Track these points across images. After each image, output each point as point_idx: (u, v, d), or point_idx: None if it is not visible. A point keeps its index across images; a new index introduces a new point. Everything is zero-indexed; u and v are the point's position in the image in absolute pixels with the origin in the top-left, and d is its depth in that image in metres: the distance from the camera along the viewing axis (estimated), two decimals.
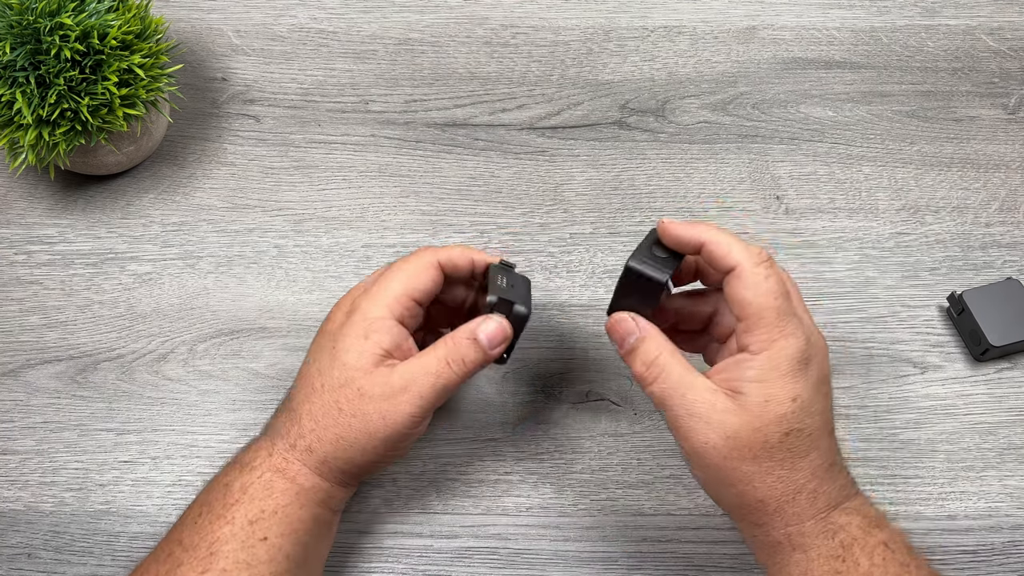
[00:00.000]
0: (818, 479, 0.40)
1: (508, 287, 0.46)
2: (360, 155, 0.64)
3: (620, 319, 0.43)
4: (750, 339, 0.40)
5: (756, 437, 0.39)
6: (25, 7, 0.52)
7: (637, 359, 0.42)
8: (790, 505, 0.40)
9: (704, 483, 0.43)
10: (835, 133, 0.65)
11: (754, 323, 0.40)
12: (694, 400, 0.40)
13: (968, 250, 0.60)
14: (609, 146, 0.64)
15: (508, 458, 0.53)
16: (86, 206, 0.61)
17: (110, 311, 0.57)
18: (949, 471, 0.53)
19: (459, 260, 0.47)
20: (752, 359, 0.40)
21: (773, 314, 0.39)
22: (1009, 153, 0.64)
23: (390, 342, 0.44)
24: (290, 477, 0.44)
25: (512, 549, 0.51)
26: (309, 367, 0.46)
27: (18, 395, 0.55)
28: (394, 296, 0.45)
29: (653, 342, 0.42)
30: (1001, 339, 0.54)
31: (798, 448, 0.39)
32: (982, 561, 0.50)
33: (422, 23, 0.70)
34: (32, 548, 0.50)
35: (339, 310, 0.47)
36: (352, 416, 0.43)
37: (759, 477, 0.40)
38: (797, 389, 0.39)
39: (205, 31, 0.69)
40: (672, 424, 0.41)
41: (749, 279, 0.40)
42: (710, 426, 0.40)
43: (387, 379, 0.43)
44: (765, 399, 0.39)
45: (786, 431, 0.39)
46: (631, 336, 0.43)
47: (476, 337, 0.44)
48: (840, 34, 0.69)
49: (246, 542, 0.42)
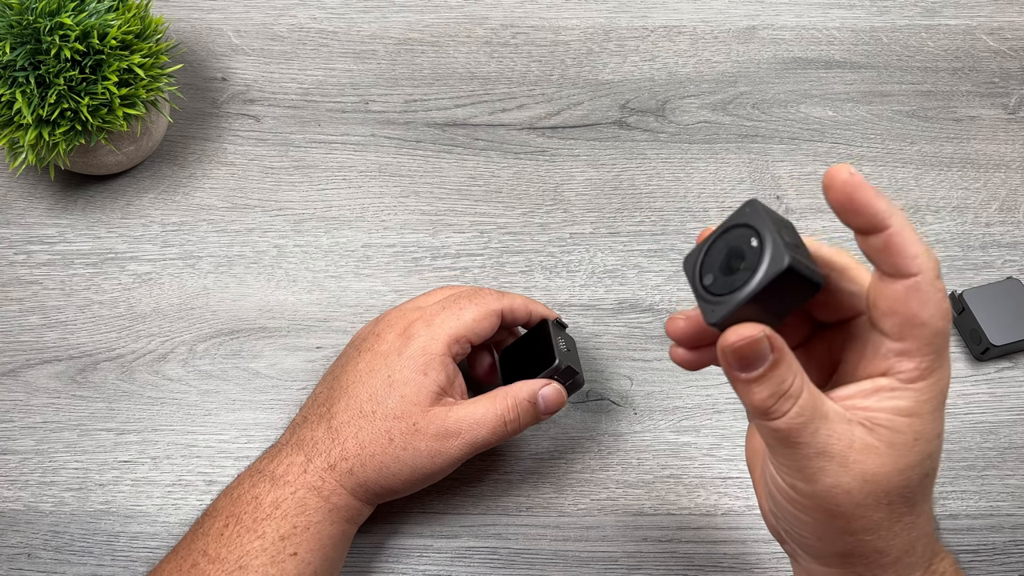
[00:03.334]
0: (929, 524, 0.35)
1: (567, 351, 0.47)
2: (360, 155, 0.64)
3: (749, 336, 0.31)
4: (906, 364, 0.32)
5: (898, 480, 0.32)
6: (25, 7, 0.52)
7: (766, 388, 0.31)
8: (908, 555, 0.34)
9: (807, 529, 0.34)
10: (835, 133, 0.65)
11: (920, 348, 0.32)
12: (828, 436, 0.32)
13: (968, 250, 0.60)
14: (609, 146, 0.64)
15: (508, 458, 0.53)
16: (86, 206, 0.61)
17: (110, 311, 0.57)
18: (950, 470, 0.53)
19: (519, 312, 0.48)
20: (903, 388, 0.32)
21: (942, 340, 0.32)
22: (1009, 153, 0.64)
23: (446, 380, 0.45)
24: (324, 496, 0.44)
25: (512, 549, 0.51)
26: (358, 388, 0.45)
27: (18, 395, 0.55)
28: (456, 335, 0.45)
29: (789, 364, 0.32)
30: (1002, 338, 0.54)
31: (928, 491, 0.34)
32: (983, 560, 0.50)
33: (422, 23, 0.70)
34: (32, 548, 0.50)
35: (390, 330, 0.47)
36: (403, 449, 0.44)
37: (887, 525, 0.33)
38: (940, 425, 0.33)
39: (205, 31, 0.69)
40: (792, 466, 0.33)
41: (930, 295, 0.31)
42: (845, 468, 0.32)
43: (443, 421, 0.44)
44: (915, 437, 0.32)
45: (927, 473, 0.33)
46: (763, 360, 0.31)
47: (536, 402, 0.45)
48: (840, 34, 0.69)
49: (276, 557, 0.42)
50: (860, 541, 0.33)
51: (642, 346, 0.56)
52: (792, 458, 0.32)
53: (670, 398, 0.55)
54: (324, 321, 0.57)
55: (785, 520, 0.35)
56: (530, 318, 0.49)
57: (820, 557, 0.35)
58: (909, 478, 0.32)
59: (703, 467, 0.53)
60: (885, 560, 0.34)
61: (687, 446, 0.53)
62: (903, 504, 0.33)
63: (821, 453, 0.32)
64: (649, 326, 0.57)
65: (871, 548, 0.33)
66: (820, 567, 0.36)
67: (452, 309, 0.46)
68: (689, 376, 0.55)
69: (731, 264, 0.32)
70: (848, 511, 0.32)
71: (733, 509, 0.51)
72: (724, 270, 0.32)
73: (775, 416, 0.32)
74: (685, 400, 0.55)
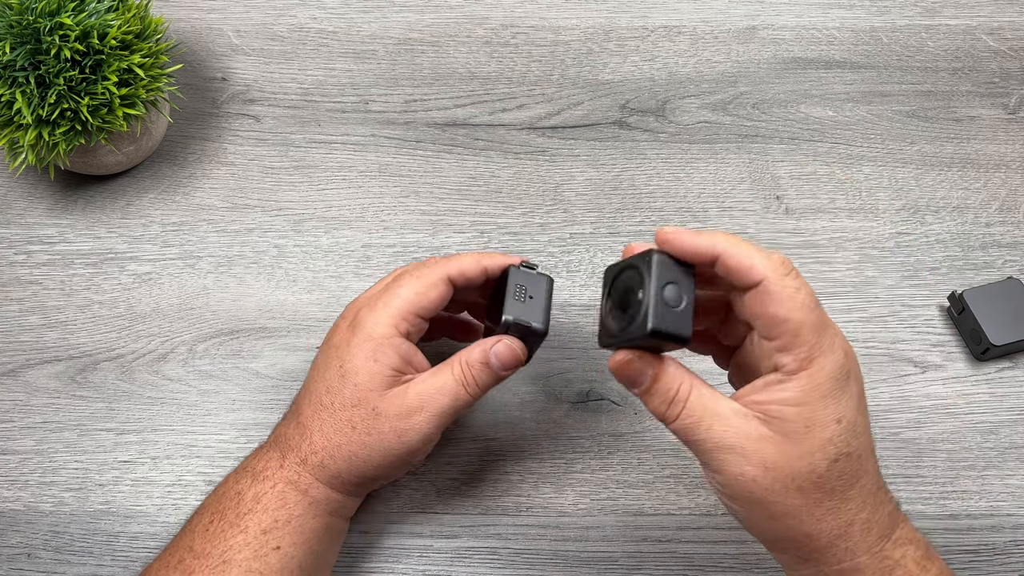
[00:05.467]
0: (870, 507, 0.36)
1: (526, 300, 0.45)
2: (360, 155, 0.64)
3: (625, 362, 0.37)
4: (784, 358, 0.35)
5: (800, 466, 0.35)
6: (25, 7, 0.52)
7: (655, 398, 0.37)
8: (842, 540, 0.36)
9: (743, 519, 0.38)
10: (835, 133, 0.65)
11: (789, 341, 0.35)
12: (723, 430, 0.36)
13: (968, 250, 0.60)
14: (609, 146, 0.64)
15: (508, 458, 0.53)
16: (86, 206, 0.61)
17: (110, 311, 0.57)
18: (950, 470, 0.53)
19: (470, 271, 0.45)
20: (788, 380, 0.35)
21: (810, 329, 0.35)
22: (1009, 153, 0.64)
23: (400, 361, 0.44)
24: (302, 490, 0.44)
25: (512, 549, 0.51)
26: (316, 383, 0.45)
27: (18, 395, 0.55)
28: (400, 314, 0.44)
29: (670, 376, 0.37)
30: (1002, 338, 0.54)
31: (848, 474, 0.36)
32: (983, 561, 0.50)
33: (422, 23, 0.70)
34: (32, 548, 0.50)
35: (343, 320, 0.47)
36: (367, 434, 0.44)
37: (806, 510, 0.36)
38: (841, 409, 0.35)
39: (205, 31, 0.69)
40: (702, 459, 0.37)
41: (780, 293, 0.35)
42: (746, 457, 0.35)
43: (403, 400, 0.44)
44: (806, 424, 0.35)
45: (834, 457, 0.35)
46: (643, 377, 0.37)
47: (488, 361, 0.44)
48: (840, 34, 0.69)
49: (259, 551, 0.42)
50: (785, 526, 0.36)
51: None
52: (700, 453, 0.37)
53: None
54: (324, 321, 0.57)
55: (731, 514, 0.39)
56: (487, 274, 0.46)
57: (768, 544, 0.39)
58: (812, 464, 0.35)
59: None
60: (818, 544, 0.36)
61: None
62: (815, 490, 0.35)
63: (719, 446, 0.36)
64: None
65: (799, 532, 0.36)
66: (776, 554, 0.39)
67: (392, 288, 0.45)
68: None
69: (625, 301, 0.37)
70: (761, 497, 0.36)
71: None
72: (620, 305, 0.38)
73: (670, 420, 0.37)
74: None
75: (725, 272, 0.36)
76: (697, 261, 0.36)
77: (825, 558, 0.37)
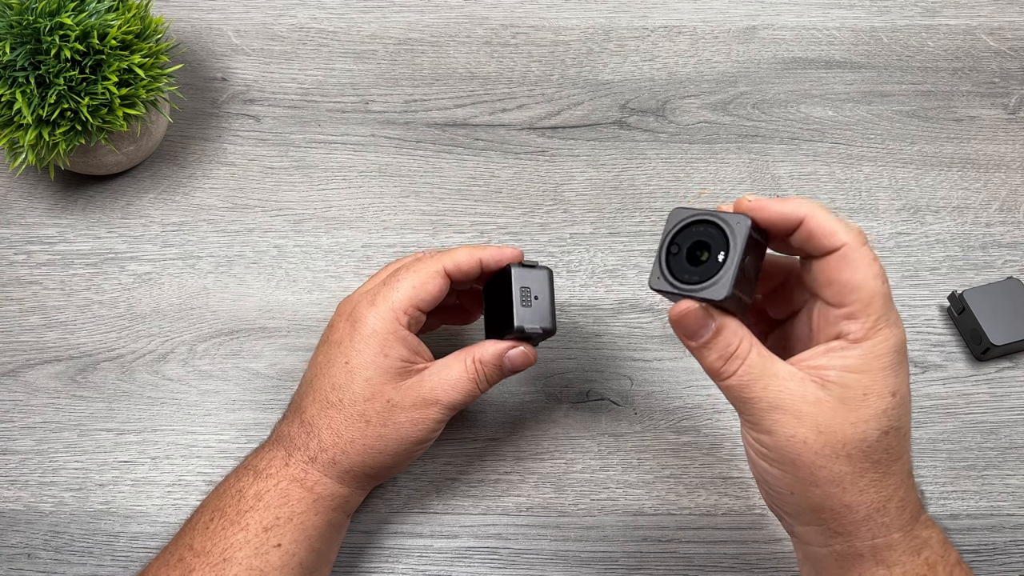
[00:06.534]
0: (905, 487, 0.37)
1: (532, 302, 0.46)
2: (360, 155, 0.64)
3: (688, 310, 0.37)
4: (852, 326, 0.35)
5: (853, 433, 0.35)
6: (25, 7, 0.52)
7: (713, 352, 0.37)
8: (880, 514, 0.36)
9: (782, 486, 0.37)
10: (835, 133, 0.65)
11: (861, 309, 0.35)
12: (779, 391, 0.36)
13: (968, 250, 0.60)
14: (609, 146, 0.64)
15: (508, 458, 0.53)
16: (86, 206, 0.61)
17: (110, 311, 0.57)
18: (951, 470, 0.53)
19: (466, 265, 0.46)
20: (852, 347, 0.35)
21: (882, 300, 0.35)
22: (1009, 153, 0.64)
23: (408, 352, 0.45)
24: (308, 487, 0.44)
25: (512, 549, 0.51)
26: (320, 380, 0.45)
27: (18, 395, 0.55)
28: (401, 308, 0.45)
29: (731, 331, 0.37)
30: (1002, 338, 0.54)
31: (893, 449, 0.36)
32: (984, 560, 0.50)
33: (422, 23, 0.70)
34: (32, 548, 0.50)
35: (341, 318, 0.47)
36: (382, 426, 0.44)
37: (851, 479, 0.36)
38: (898, 383, 0.36)
39: (205, 31, 0.69)
40: (751, 419, 0.37)
41: (859, 261, 0.35)
42: (799, 419, 0.35)
43: (418, 391, 0.45)
44: (864, 392, 0.35)
45: (885, 429, 0.35)
46: (705, 330, 0.37)
47: (502, 364, 0.46)
48: (840, 34, 0.69)
49: (260, 548, 0.42)
50: (827, 494, 0.36)
51: (642, 346, 0.56)
52: (751, 413, 0.36)
53: (670, 398, 0.55)
54: (324, 321, 0.57)
55: (765, 482, 0.38)
56: (483, 268, 0.47)
57: (799, 515, 0.38)
58: (865, 432, 0.35)
59: (703, 467, 0.53)
60: (856, 516, 0.36)
61: (687, 446, 0.53)
62: (863, 459, 0.35)
63: (774, 407, 0.36)
64: (649, 326, 0.57)
65: (839, 502, 0.36)
66: (804, 528, 0.38)
67: (390, 283, 0.46)
68: (689, 376, 0.55)
69: (698, 255, 0.37)
70: (809, 460, 0.35)
71: (733, 509, 0.51)
72: (689, 257, 0.37)
73: (726, 376, 0.37)
74: (685, 400, 0.55)
75: (806, 237, 0.36)
76: (778, 228, 0.36)
77: (859, 532, 0.37)
